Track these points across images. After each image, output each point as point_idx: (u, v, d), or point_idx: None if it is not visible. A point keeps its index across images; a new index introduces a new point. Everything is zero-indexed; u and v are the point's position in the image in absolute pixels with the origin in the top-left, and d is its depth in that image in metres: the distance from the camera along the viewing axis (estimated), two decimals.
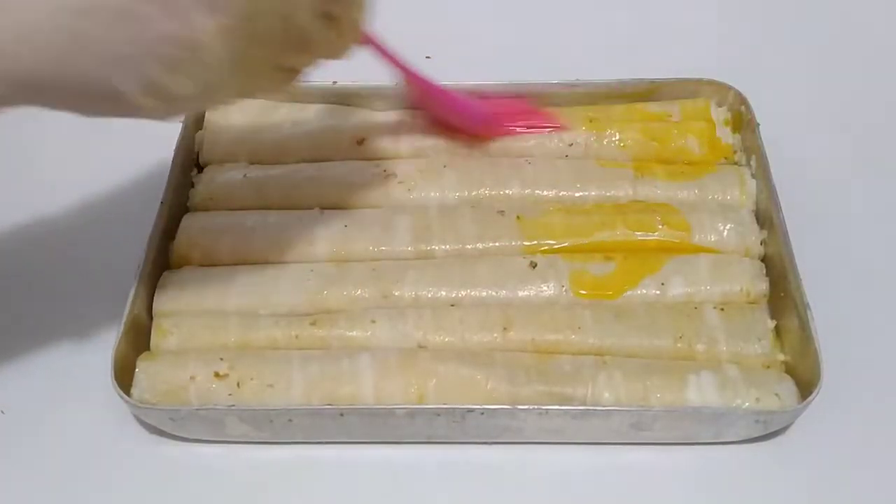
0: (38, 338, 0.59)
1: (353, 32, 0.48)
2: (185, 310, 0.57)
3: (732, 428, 0.52)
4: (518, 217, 0.60)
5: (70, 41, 0.38)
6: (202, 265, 0.60)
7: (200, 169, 0.65)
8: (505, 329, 0.55)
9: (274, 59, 0.44)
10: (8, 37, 0.38)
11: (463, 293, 0.57)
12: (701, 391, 0.52)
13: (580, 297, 0.56)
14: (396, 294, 0.57)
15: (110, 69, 0.39)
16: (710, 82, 0.66)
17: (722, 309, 0.55)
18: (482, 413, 0.51)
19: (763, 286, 0.57)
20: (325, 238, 0.60)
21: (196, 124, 0.66)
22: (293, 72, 0.47)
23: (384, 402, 0.52)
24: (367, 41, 0.53)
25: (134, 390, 0.53)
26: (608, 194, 0.62)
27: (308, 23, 0.44)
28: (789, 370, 0.54)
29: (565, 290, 0.57)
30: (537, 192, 0.62)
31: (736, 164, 0.64)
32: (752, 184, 0.62)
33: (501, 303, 0.56)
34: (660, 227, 0.59)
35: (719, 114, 0.65)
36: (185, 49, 0.39)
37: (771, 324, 0.55)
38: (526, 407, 0.51)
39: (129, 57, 0.39)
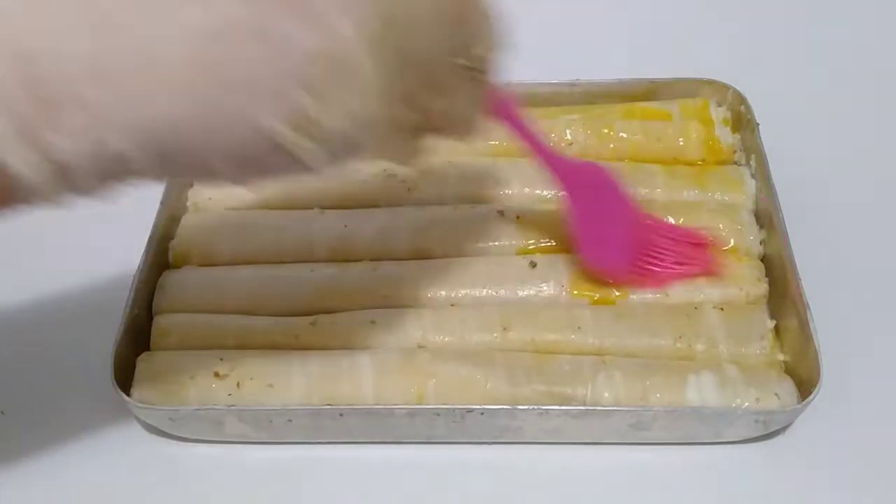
0: (38, 338, 0.59)
1: (485, 85, 0.42)
2: (185, 310, 0.57)
3: (732, 428, 0.52)
4: (518, 217, 0.60)
5: (206, 73, 0.32)
6: (202, 265, 0.60)
7: None
8: (505, 329, 0.55)
9: (414, 102, 0.38)
10: (137, 78, 0.31)
11: (462, 293, 0.57)
12: (701, 391, 0.52)
13: (580, 297, 0.57)
14: (396, 294, 0.57)
15: (253, 103, 0.33)
16: (710, 82, 0.66)
17: (722, 309, 0.55)
18: (482, 413, 0.51)
19: (763, 286, 0.57)
20: (325, 238, 0.60)
21: None
22: (422, 136, 0.41)
23: (384, 402, 0.52)
24: (501, 110, 0.48)
25: (134, 390, 0.53)
26: None
27: (450, 54, 0.38)
28: (789, 370, 0.54)
29: (565, 290, 0.57)
30: (537, 192, 0.62)
31: (735, 163, 0.64)
32: (751, 184, 0.62)
33: (501, 302, 0.56)
34: None
35: (719, 113, 0.65)
36: (331, 67, 0.33)
37: (771, 324, 0.55)
38: (526, 407, 0.51)
39: (273, 84, 0.33)
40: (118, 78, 0.31)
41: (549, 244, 0.59)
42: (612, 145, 0.64)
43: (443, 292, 0.57)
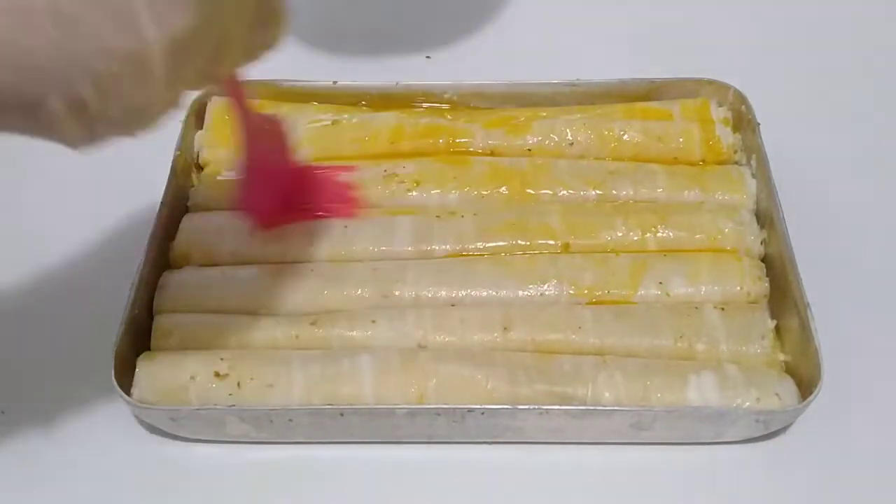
0: (39, 337, 0.59)
1: (274, 36, 0.45)
2: (185, 310, 0.57)
3: (733, 428, 0.52)
4: (518, 217, 0.60)
5: None
6: (202, 265, 0.60)
7: (200, 169, 0.65)
8: (505, 329, 0.55)
9: (200, 73, 0.40)
10: None
11: (463, 293, 0.57)
12: (701, 391, 0.52)
13: (580, 296, 0.56)
14: (396, 294, 0.57)
15: (37, 80, 0.34)
16: (710, 82, 0.66)
17: (722, 309, 0.55)
18: (482, 413, 0.51)
19: (763, 286, 0.57)
20: (325, 238, 0.60)
21: (196, 124, 0.66)
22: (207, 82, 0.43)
23: (384, 402, 0.52)
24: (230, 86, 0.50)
25: (134, 390, 0.53)
26: (608, 194, 0.62)
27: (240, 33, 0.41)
28: (789, 370, 0.54)
29: (565, 290, 0.57)
30: (537, 191, 0.62)
31: (736, 163, 0.64)
32: (752, 184, 0.62)
33: (501, 303, 0.56)
34: (660, 226, 0.59)
35: (719, 113, 0.65)
36: (127, 65, 0.35)
37: (771, 324, 0.55)
38: (526, 407, 0.51)
39: (62, 68, 0.34)
40: None
41: (549, 244, 0.59)
42: (612, 145, 0.64)
43: (443, 292, 0.57)
